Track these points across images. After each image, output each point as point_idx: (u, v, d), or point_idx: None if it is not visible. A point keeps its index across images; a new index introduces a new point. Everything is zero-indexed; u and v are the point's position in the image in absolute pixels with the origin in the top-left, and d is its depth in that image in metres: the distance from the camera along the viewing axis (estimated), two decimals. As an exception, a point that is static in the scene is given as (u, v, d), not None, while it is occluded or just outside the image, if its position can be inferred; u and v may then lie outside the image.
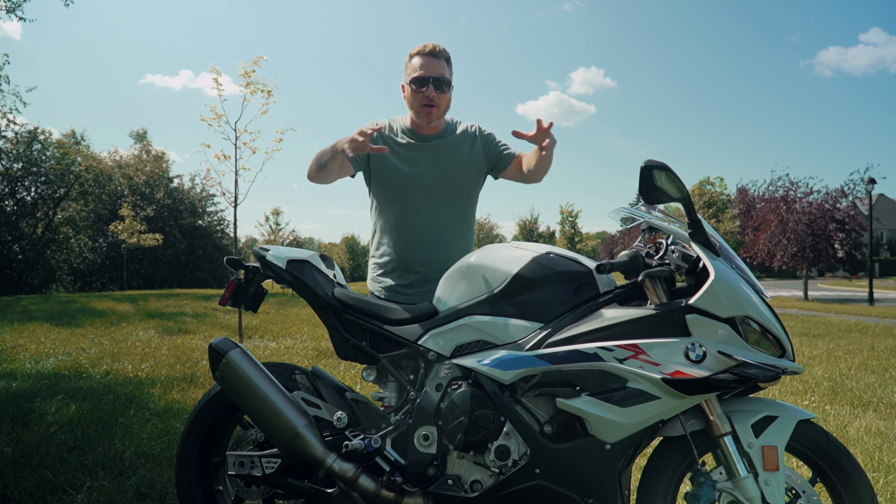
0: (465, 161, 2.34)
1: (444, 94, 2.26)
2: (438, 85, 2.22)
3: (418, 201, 2.30)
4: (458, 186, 2.33)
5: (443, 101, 2.26)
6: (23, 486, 2.53)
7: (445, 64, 2.27)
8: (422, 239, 2.29)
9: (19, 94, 21.12)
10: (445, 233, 2.31)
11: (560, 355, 1.64)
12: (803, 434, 1.64)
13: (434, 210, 2.30)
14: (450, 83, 2.28)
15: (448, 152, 2.33)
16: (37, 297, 16.55)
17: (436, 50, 2.25)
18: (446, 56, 2.28)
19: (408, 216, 2.31)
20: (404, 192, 2.30)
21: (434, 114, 2.26)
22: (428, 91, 2.21)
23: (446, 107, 2.31)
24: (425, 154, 2.31)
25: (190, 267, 32.22)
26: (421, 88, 2.22)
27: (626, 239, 36.37)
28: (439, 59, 2.25)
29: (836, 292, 24.53)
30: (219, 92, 7.41)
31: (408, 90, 2.28)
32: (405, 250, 2.30)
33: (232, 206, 7.70)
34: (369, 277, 2.42)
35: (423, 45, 2.26)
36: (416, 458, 1.75)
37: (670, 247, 1.76)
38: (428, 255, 2.27)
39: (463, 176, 2.33)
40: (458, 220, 2.36)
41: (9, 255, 26.07)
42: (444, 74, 2.25)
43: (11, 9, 16.60)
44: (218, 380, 1.86)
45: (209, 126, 7.39)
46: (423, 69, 2.22)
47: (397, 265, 2.31)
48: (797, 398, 4.57)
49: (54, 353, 6.21)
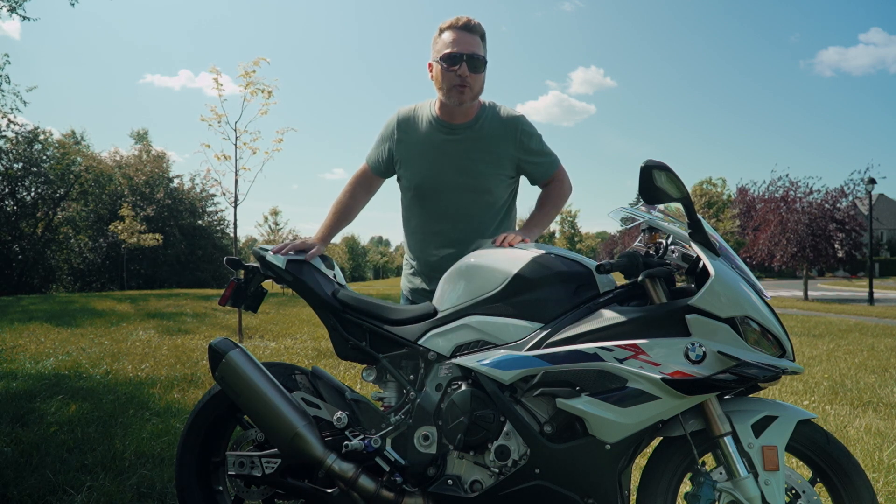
0: (497, 156, 2.14)
1: (479, 73, 2.05)
2: (472, 63, 2.02)
3: (444, 203, 2.17)
4: (487, 185, 2.16)
5: (476, 82, 2.06)
6: (23, 486, 2.53)
7: (480, 41, 2.06)
8: (447, 242, 2.19)
9: (19, 94, 21.00)
10: (473, 234, 2.14)
11: (560, 355, 1.64)
12: (803, 434, 1.64)
13: (461, 211, 2.17)
14: (485, 62, 2.07)
15: (477, 145, 2.13)
16: (37, 297, 16.55)
17: (470, 24, 2.04)
18: (481, 32, 2.07)
19: (433, 218, 2.21)
20: (427, 194, 2.19)
21: (467, 94, 2.05)
22: (461, 70, 2.01)
23: (480, 88, 2.09)
24: (452, 148, 2.14)
25: (190, 267, 32.22)
26: (453, 67, 2.01)
27: (626, 239, 36.37)
28: (474, 35, 2.04)
29: (836, 292, 24.53)
30: (219, 92, 7.41)
31: (436, 69, 2.07)
32: (428, 254, 2.24)
33: (232, 206, 7.70)
34: (402, 275, 2.42)
35: (455, 18, 2.05)
36: (416, 458, 1.75)
37: (670, 247, 1.76)
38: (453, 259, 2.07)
39: (493, 173, 2.15)
40: (488, 221, 2.20)
41: (9, 255, 26.06)
42: (479, 52, 2.04)
43: (13, 8, 16.58)
44: (218, 380, 1.86)
45: (209, 126, 7.39)
46: (456, 45, 2.01)
47: (422, 269, 2.28)
48: (797, 398, 4.57)
49: (54, 353, 6.21)
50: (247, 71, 7.30)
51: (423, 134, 2.17)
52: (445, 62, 2.03)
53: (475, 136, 2.13)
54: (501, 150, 2.15)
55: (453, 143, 2.14)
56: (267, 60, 7.41)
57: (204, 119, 7.37)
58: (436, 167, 2.16)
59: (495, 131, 2.14)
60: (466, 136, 2.13)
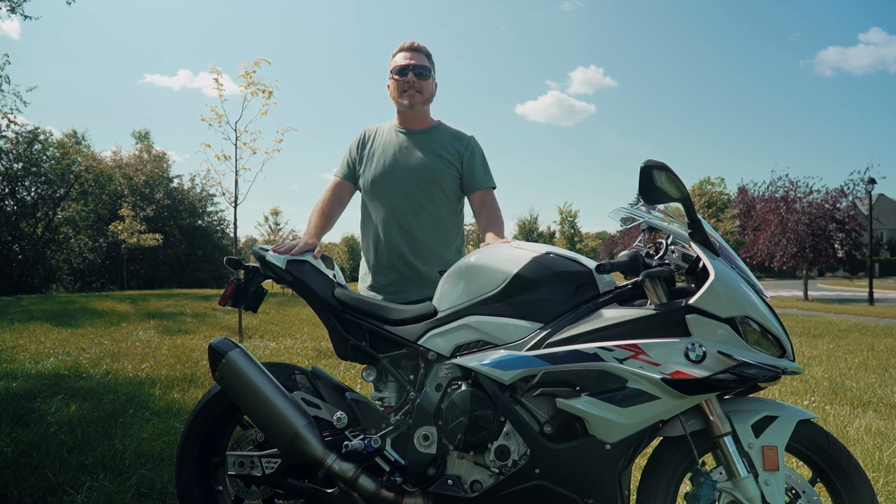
0: (444, 155, 2.35)
1: (426, 80, 2.36)
2: (418, 71, 2.34)
3: (395, 199, 2.33)
4: (435, 183, 2.33)
5: (425, 87, 2.36)
6: (23, 487, 2.53)
7: (426, 57, 2.38)
8: (398, 236, 2.33)
9: (19, 94, 20.96)
10: (422, 230, 2.33)
11: (560, 355, 1.64)
12: (803, 434, 1.64)
13: (411, 206, 2.32)
14: (430, 71, 2.38)
15: (430, 146, 2.36)
16: (37, 297, 16.55)
17: (414, 45, 2.38)
18: (426, 52, 2.40)
19: (386, 213, 2.35)
20: (381, 191, 2.35)
21: (416, 97, 2.34)
22: (409, 77, 2.33)
23: (429, 94, 2.39)
24: (405, 147, 2.37)
25: (190, 267, 32.21)
26: (403, 77, 2.34)
27: (626, 239, 36.36)
28: (419, 53, 2.37)
29: (836, 292, 24.53)
30: (219, 92, 7.41)
31: (391, 83, 2.38)
32: (382, 249, 2.36)
33: (232, 206, 7.71)
34: (359, 278, 2.50)
35: (402, 43, 2.39)
36: (415, 458, 1.75)
37: (670, 247, 1.76)
38: (404, 253, 2.31)
39: (441, 173, 2.34)
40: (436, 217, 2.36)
41: (9, 255, 26.06)
42: (425, 63, 2.36)
43: (13, 7, 16.57)
44: (218, 380, 1.86)
45: (209, 126, 7.40)
46: (404, 60, 2.35)
47: (375, 264, 2.39)
48: (797, 398, 4.57)
49: (54, 353, 6.21)
50: (247, 71, 7.30)
51: (384, 138, 2.44)
52: (396, 74, 2.36)
53: (429, 140, 2.40)
54: (448, 151, 2.38)
55: (408, 141, 2.40)
56: (268, 61, 7.42)
57: (204, 119, 7.37)
58: (392, 160, 2.37)
59: (445, 140, 2.41)
60: (421, 139, 2.40)
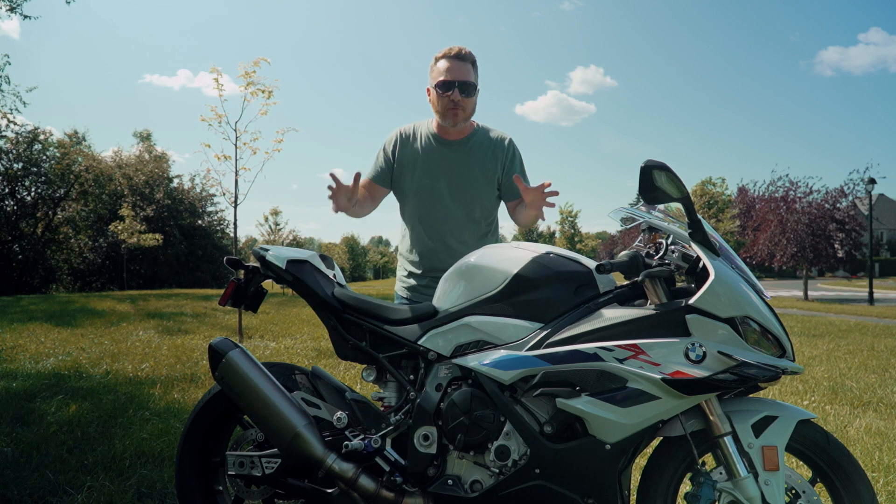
0: (485, 170, 2.36)
1: (470, 97, 2.28)
2: (464, 88, 2.25)
3: (436, 210, 2.35)
4: (475, 195, 2.36)
5: (468, 105, 2.29)
6: (23, 487, 2.53)
7: (471, 67, 2.28)
8: (438, 247, 2.36)
9: (19, 94, 20.98)
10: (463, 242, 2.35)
11: (560, 355, 1.64)
12: (803, 434, 1.64)
13: (451, 217, 2.35)
14: (475, 87, 2.30)
15: (468, 159, 2.35)
16: (37, 297, 16.54)
17: (461, 53, 2.27)
18: (472, 59, 2.30)
19: (426, 223, 2.37)
20: (423, 202, 2.37)
21: (460, 116, 2.28)
22: (453, 95, 2.24)
23: (472, 110, 2.33)
24: (445, 161, 2.35)
25: (190, 267, 32.17)
26: (446, 92, 2.25)
27: (626, 239, 36.36)
28: (465, 63, 2.27)
29: (836, 292, 24.53)
30: (219, 92, 7.41)
31: (433, 94, 2.30)
32: (423, 257, 2.39)
33: (232, 206, 7.71)
34: (397, 278, 2.53)
35: (448, 49, 2.29)
36: (416, 458, 1.75)
37: (670, 247, 1.76)
38: (443, 263, 2.25)
39: (481, 185, 2.36)
40: (476, 228, 2.39)
41: (9, 255, 26.04)
42: (470, 78, 2.27)
43: (12, 7, 16.57)
44: (218, 380, 1.86)
45: (209, 126, 7.40)
46: (449, 73, 2.24)
47: (415, 270, 2.41)
48: (797, 398, 4.57)
49: (54, 353, 6.21)
50: (247, 71, 7.30)
51: (422, 144, 2.39)
52: (440, 88, 2.26)
53: (468, 151, 2.36)
54: (489, 164, 2.37)
55: (448, 154, 2.36)
56: (268, 61, 7.42)
57: (204, 119, 7.37)
58: (432, 175, 2.36)
59: (486, 152, 2.37)
60: (460, 150, 2.36)
